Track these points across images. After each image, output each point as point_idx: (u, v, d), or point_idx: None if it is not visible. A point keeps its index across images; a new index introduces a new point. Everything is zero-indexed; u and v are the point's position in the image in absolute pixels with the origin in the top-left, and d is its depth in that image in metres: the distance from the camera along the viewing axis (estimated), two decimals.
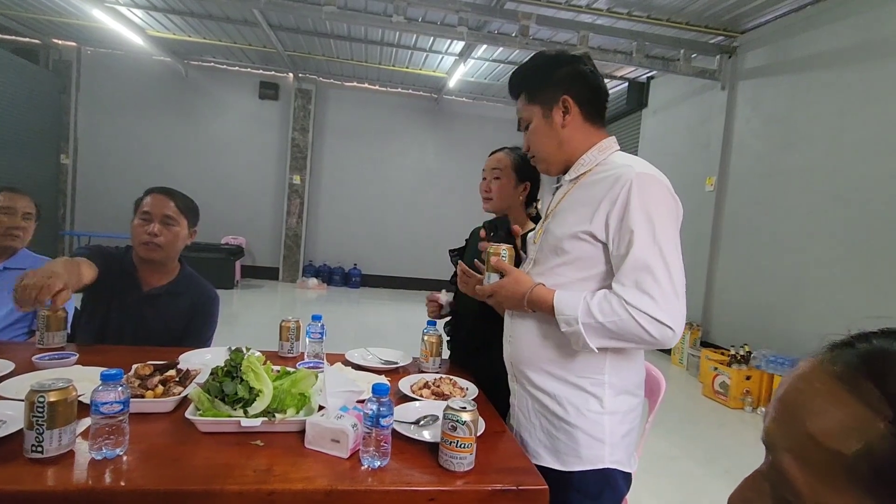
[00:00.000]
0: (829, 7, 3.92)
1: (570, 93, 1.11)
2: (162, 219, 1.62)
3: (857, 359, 0.38)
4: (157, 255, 1.63)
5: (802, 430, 0.39)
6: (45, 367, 1.28)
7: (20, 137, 6.34)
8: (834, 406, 0.37)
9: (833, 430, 0.37)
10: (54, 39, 6.97)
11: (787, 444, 0.40)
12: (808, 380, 0.41)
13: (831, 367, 0.39)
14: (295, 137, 7.70)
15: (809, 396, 0.40)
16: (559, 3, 4.57)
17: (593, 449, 1.07)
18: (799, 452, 0.39)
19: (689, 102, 5.58)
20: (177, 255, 1.72)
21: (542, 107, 1.14)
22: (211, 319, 1.79)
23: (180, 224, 1.67)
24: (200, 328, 1.75)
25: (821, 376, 0.40)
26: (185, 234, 1.71)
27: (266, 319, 5.61)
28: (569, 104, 1.12)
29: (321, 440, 0.96)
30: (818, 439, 0.37)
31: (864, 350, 0.39)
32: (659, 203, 1.01)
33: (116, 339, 1.62)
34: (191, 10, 5.64)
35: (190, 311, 1.71)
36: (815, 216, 3.90)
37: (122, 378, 0.91)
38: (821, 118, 3.93)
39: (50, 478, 0.82)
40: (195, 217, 1.75)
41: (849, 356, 0.39)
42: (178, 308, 1.70)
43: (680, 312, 0.97)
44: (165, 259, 1.68)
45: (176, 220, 1.65)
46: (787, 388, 0.42)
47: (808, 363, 0.42)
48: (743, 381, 3.83)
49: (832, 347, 0.41)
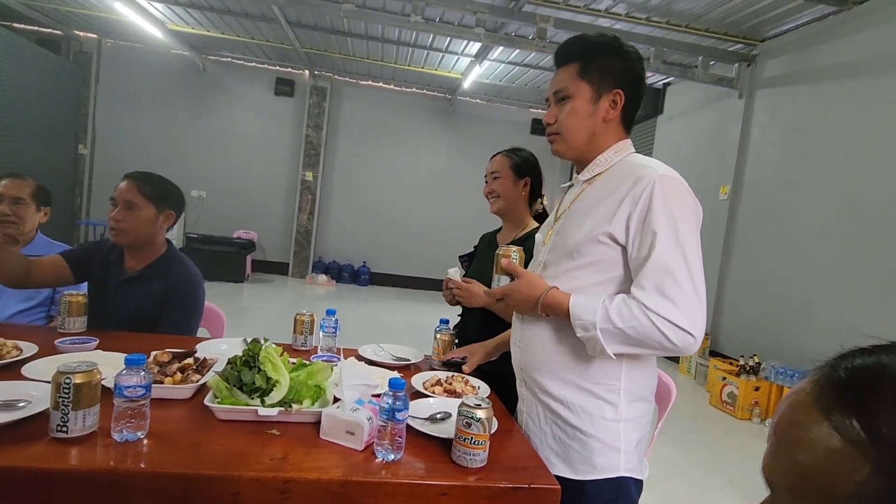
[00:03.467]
0: (851, 18, 3.88)
1: (624, 88, 1.08)
2: (123, 204, 1.62)
3: (837, 385, 0.38)
4: (121, 239, 1.64)
5: (795, 467, 0.39)
6: (67, 350, 1.31)
7: (39, 126, 6.45)
8: (820, 443, 0.37)
9: (823, 470, 0.36)
10: (76, 31, 7.08)
11: (784, 481, 0.40)
12: (795, 408, 0.40)
13: (816, 396, 0.39)
14: (309, 134, 7.76)
15: (798, 430, 0.39)
16: (577, 6, 4.57)
17: (608, 457, 1.04)
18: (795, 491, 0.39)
19: (706, 110, 5.54)
20: (149, 238, 1.68)
21: (592, 88, 1.08)
22: (187, 305, 1.70)
23: (144, 209, 1.64)
24: (175, 314, 1.67)
25: (805, 405, 0.39)
26: (152, 218, 1.65)
27: (275, 314, 5.66)
28: (619, 99, 1.08)
29: (336, 432, 0.98)
30: (809, 478, 0.37)
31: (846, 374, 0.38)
32: (682, 205, 0.98)
33: (95, 323, 1.57)
34: (210, 6, 5.71)
35: (161, 295, 1.65)
36: (830, 229, 3.86)
37: (145, 363, 0.93)
38: (839, 130, 3.88)
39: (74, 457, 0.84)
40: (167, 201, 1.70)
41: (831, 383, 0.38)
42: (149, 291, 1.65)
43: (701, 319, 0.94)
44: (134, 243, 1.66)
45: (138, 205, 1.63)
46: (779, 416, 0.42)
47: (798, 388, 0.41)
48: (751, 391, 3.80)
49: (817, 370, 0.40)
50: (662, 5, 4.38)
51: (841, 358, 0.39)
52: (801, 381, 0.41)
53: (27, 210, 1.88)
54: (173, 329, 1.64)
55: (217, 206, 7.66)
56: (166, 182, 1.74)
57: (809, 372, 0.41)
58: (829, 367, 0.39)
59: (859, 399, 0.36)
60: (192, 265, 1.76)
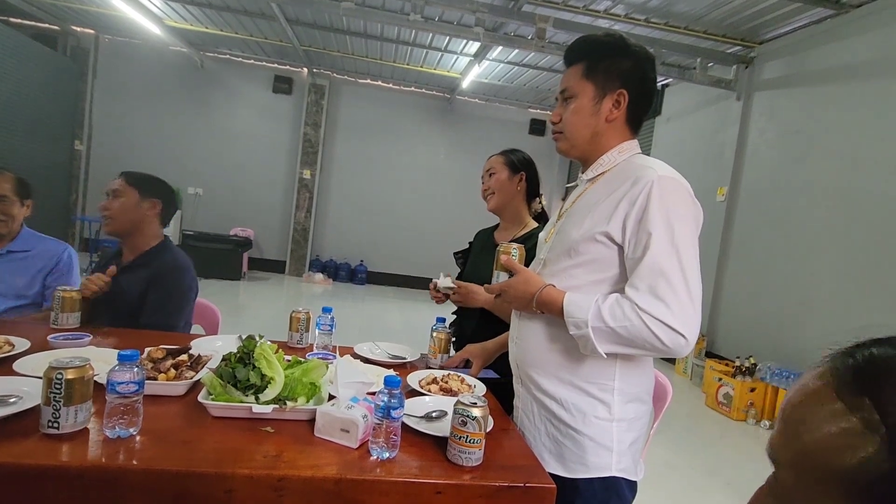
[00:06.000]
0: (849, 21, 3.89)
1: (628, 88, 1.08)
2: (111, 193, 1.73)
3: (854, 370, 0.38)
4: (109, 227, 1.73)
5: (800, 444, 0.39)
6: (60, 346, 1.30)
7: (35, 122, 6.40)
8: (829, 420, 0.37)
9: (828, 445, 0.37)
10: (73, 26, 7.04)
11: (787, 457, 0.40)
12: (807, 392, 0.40)
13: (829, 378, 0.39)
14: (307, 132, 7.74)
15: (807, 409, 0.39)
16: (577, 7, 4.57)
17: (600, 457, 1.05)
18: (798, 466, 0.39)
19: (704, 111, 5.55)
20: (135, 225, 1.74)
21: (596, 87, 1.09)
22: (170, 289, 1.70)
23: (127, 195, 1.72)
24: (158, 299, 1.67)
25: (818, 388, 0.39)
26: (135, 202, 1.73)
27: (272, 311, 5.65)
28: (623, 99, 1.08)
29: (331, 429, 0.97)
30: (814, 454, 0.37)
31: (862, 360, 0.38)
32: (679, 207, 0.98)
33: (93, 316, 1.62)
34: (209, 2, 5.68)
35: (146, 281, 1.67)
36: (827, 231, 3.87)
37: (139, 359, 0.92)
38: (836, 132, 3.90)
39: (65, 453, 0.83)
40: (150, 189, 1.77)
41: (846, 367, 0.39)
42: (137, 278, 1.68)
43: (694, 321, 0.94)
44: (122, 231, 1.74)
45: (122, 192, 1.72)
46: (788, 399, 0.42)
47: (810, 373, 0.42)
48: (747, 392, 3.81)
49: (832, 357, 0.41)
50: (661, 7, 4.39)
51: (857, 346, 0.40)
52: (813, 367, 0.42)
53: (13, 206, 1.87)
54: (155, 314, 1.65)
55: (214, 203, 7.63)
56: (154, 177, 1.83)
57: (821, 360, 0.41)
58: (845, 353, 0.40)
59: (874, 381, 0.36)
60: (183, 255, 1.80)
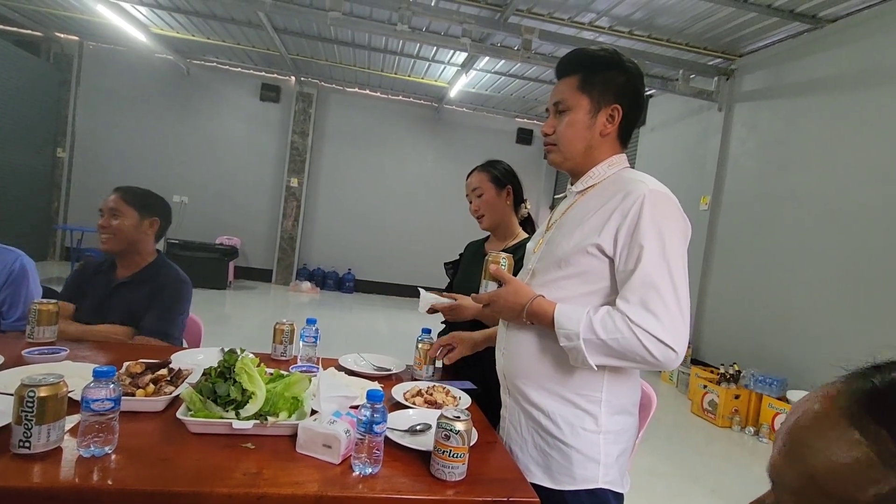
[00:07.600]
0: (826, 34, 4.00)
1: (622, 104, 1.09)
2: (109, 212, 1.73)
3: (871, 395, 0.36)
4: (107, 245, 1.73)
5: (807, 469, 0.37)
6: (35, 361, 1.27)
7: (17, 129, 6.30)
8: (842, 448, 0.35)
9: (839, 475, 0.35)
10: (56, 33, 6.96)
11: (791, 482, 0.38)
12: (818, 414, 0.38)
13: (843, 403, 0.37)
14: (294, 140, 7.71)
15: (817, 434, 0.37)
16: (562, 19, 4.63)
17: (587, 469, 1.05)
18: (802, 493, 0.37)
19: (686, 122, 5.65)
20: (135, 244, 1.77)
21: (591, 101, 1.09)
22: (174, 297, 1.77)
23: (126, 214, 1.74)
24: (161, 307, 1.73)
25: (831, 412, 0.37)
26: (135, 223, 1.75)
27: (258, 321, 5.58)
28: (617, 114, 1.09)
29: (313, 445, 0.96)
30: (823, 482, 0.35)
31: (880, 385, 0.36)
32: (670, 221, 0.99)
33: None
34: (195, 10, 5.66)
35: (150, 295, 1.74)
36: (808, 239, 3.95)
37: (115, 375, 0.90)
38: (815, 143, 3.99)
39: (36, 474, 0.80)
40: (150, 208, 1.80)
41: (862, 391, 0.36)
42: (140, 295, 1.73)
43: (684, 335, 0.95)
44: (122, 249, 1.75)
45: (121, 212, 1.73)
46: (796, 418, 0.40)
47: (822, 393, 0.39)
48: (731, 399, 3.84)
49: (848, 378, 0.38)
50: (644, 20, 4.47)
51: (875, 368, 0.38)
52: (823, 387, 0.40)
53: None
54: (158, 321, 1.70)
55: (200, 211, 7.54)
56: (151, 193, 1.85)
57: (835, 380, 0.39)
58: (861, 376, 0.38)
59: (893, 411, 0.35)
60: (181, 270, 1.86)
